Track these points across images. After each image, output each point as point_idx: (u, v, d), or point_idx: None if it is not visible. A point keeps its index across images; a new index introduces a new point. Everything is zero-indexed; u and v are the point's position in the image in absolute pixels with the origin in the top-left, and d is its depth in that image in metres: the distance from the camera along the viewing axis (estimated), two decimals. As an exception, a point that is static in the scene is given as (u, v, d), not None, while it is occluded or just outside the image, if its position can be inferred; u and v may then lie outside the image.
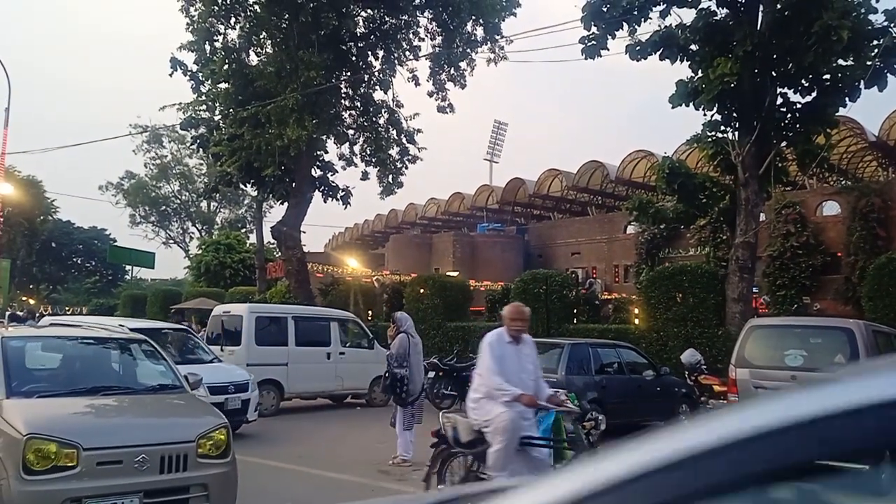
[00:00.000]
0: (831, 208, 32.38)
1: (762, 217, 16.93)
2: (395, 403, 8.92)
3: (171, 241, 57.17)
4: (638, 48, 14.72)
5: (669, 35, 14.49)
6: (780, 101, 14.48)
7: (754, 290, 18.29)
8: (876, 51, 12.95)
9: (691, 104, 14.45)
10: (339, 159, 24.21)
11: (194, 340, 11.67)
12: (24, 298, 57.03)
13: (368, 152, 23.70)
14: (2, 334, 5.95)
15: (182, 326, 13.97)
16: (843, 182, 38.34)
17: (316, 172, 24.04)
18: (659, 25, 14.77)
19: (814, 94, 14.10)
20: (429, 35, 23.02)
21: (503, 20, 22.09)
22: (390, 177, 23.73)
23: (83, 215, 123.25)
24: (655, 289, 16.54)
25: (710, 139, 14.88)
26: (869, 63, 13.00)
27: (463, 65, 22.79)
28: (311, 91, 19.54)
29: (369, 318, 25.02)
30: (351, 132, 23.81)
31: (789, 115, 14.60)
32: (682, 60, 14.71)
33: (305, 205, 23.24)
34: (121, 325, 8.64)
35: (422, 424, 8.48)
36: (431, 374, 13.40)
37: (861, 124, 34.31)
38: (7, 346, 5.67)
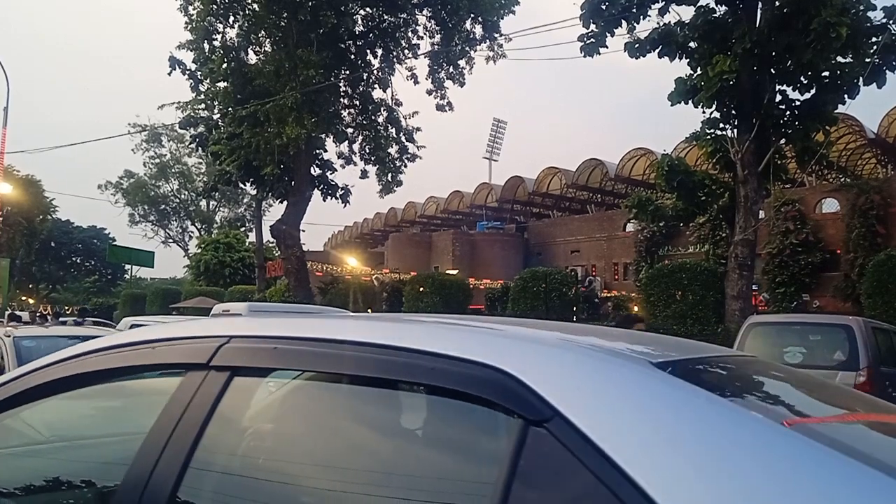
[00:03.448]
0: (830, 205, 32.37)
1: (761, 214, 16.91)
2: None
3: (171, 240, 57.17)
4: (637, 46, 14.71)
5: (668, 33, 14.48)
6: (778, 98, 14.47)
7: (754, 287, 18.30)
8: (875, 48, 12.95)
9: (690, 102, 14.44)
10: (339, 158, 24.25)
11: None
12: (23, 298, 57.01)
13: (367, 151, 23.71)
14: (13, 334, 6.04)
15: None
16: (843, 179, 38.35)
17: (315, 171, 24.05)
18: (658, 23, 14.76)
19: (813, 92, 14.09)
20: (427, 33, 23.03)
21: (502, 18, 22.09)
22: (389, 175, 23.74)
23: (82, 214, 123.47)
24: (655, 286, 16.55)
25: (709, 137, 14.87)
26: (868, 60, 12.99)
27: (462, 63, 22.80)
28: (310, 89, 19.53)
29: (369, 317, 25.07)
30: (350, 130, 23.81)
31: (788, 113, 14.60)
32: (681, 58, 14.71)
33: (305, 203, 23.24)
34: None
35: None
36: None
37: (860, 121, 34.32)
38: (19, 346, 5.74)
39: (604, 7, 14.48)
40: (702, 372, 1.33)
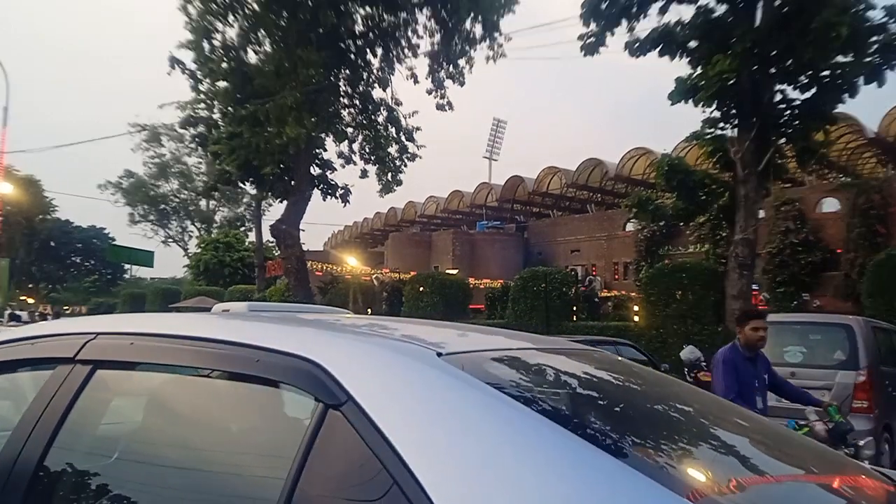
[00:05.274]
0: (831, 205, 32.35)
1: (761, 214, 16.90)
2: None
3: (171, 240, 57.17)
4: (637, 45, 14.71)
5: (668, 32, 14.48)
6: (778, 97, 14.47)
7: (754, 286, 18.27)
8: (875, 47, 12.95)
9: (690, 101, 14.43)
10: (338, 157, 24.20)
11: None
12: (23, 298, 56.98)
13: (367, 150, 23.69)
14: None
15: None
16: (843, 178, 38.31)
17: (315, 170, 24.02)
18: (658, 22, 14.77)
19: (813, 91, 14.08)
20: (427, 33, 22.96)
21: (502, 17, 22.06)
22: (389, 175, 23.72)
23: (82, 214, 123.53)
24: (655, 286, 16.57)
25: (709, 136, 14.87)
26: (868, 59, 12.99)
27: (462, 62, 22.76)
28: (310, 89, 19.51)
29: (369, 317, 25.11)
30: (350, 130, 23.79)
31: (788, 112, 14.59)
32: (681, 57, 14.70)
33: (304, 203, 23.22)
34: None
35: None
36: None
37: (860, 121, 34.29)
38: None
39: (604, 6, 14.48)
40: (492, 363, 1.43)
